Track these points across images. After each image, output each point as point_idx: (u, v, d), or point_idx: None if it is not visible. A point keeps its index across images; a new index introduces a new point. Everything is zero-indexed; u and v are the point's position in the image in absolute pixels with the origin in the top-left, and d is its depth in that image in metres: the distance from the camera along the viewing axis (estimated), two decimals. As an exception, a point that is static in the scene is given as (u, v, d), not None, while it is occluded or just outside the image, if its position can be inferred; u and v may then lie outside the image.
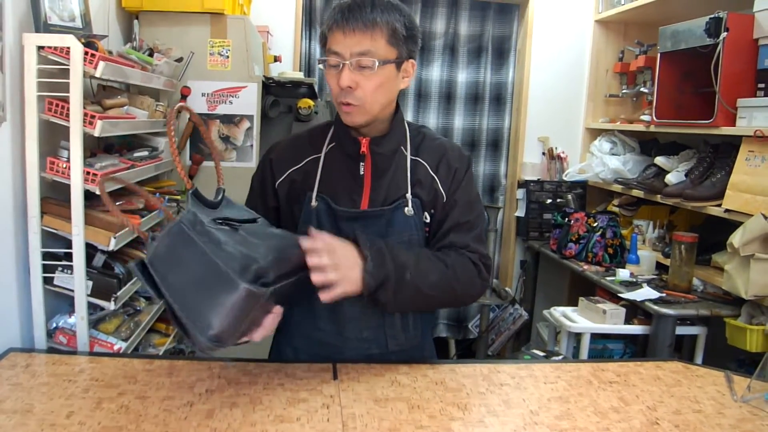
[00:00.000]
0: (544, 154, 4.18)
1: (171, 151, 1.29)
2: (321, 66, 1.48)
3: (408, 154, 1.54)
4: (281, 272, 1.22)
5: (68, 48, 1.66)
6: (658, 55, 3.17)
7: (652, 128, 3.34)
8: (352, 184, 1.51)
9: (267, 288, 1.16)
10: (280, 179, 1.55)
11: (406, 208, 1.49)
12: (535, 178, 4.10)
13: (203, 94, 2.70)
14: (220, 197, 1.37)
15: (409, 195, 1.50)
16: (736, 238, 2.38)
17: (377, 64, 1.38)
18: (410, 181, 1.51)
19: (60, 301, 1.86)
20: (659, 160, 3.33)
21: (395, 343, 1.56)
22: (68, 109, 1.68)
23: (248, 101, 2.72)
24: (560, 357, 2.64)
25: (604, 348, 3.01)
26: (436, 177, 1.53)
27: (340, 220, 1.48)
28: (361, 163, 1.51)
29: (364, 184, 1.51)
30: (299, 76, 3.20)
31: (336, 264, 1.30)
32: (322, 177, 1.51)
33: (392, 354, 1.56)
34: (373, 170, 1.51)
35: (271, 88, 3.01)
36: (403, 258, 1.39)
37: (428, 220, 1.53)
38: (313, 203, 1.50)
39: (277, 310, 1.25)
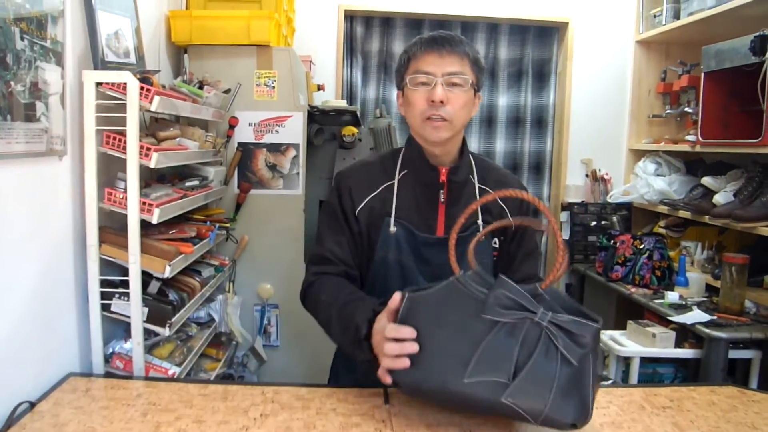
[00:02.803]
0: (587, 176, 4.15)
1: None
2: (400, 90, 1.60)
3: (476, 182, 1.64)
4: None
5: (125, 84, 1.72)
6: (702, 74, 3.14)
7: (698, 148, 3.30)
8: (429, 210, 1.60)
9: None
10: (360, 206, 1.61)
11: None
12: (578, 201, 4.07)
13: (250, 124, 2.76)
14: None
15: (480, 222, 1.59)
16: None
17: (468, 82, 1.50)
18: (480, 209, 1.59)
19: (116, 327, 1.91)
20: (706, 181, 3.28)
21: None
22: (125, 142, 1.74)
23: (294, 130, 2.77)
24: (610, 381, 2.60)
25: (654, 372, 2.95)
26: (504, 207, 1.64)
27: (420, 245, 1.57)
28: (441, 191, 1.59)
29: (439, 211, 1.60)
30: (342, 104, 3.25)
31: None
32: (398, 203, 1.59)
33: None
34: (448, 198, 1.60)
35: (316, 117, 3.06)
36: None
37: (497, 245, 1.64)
38: (392, 228, 1.57)
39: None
